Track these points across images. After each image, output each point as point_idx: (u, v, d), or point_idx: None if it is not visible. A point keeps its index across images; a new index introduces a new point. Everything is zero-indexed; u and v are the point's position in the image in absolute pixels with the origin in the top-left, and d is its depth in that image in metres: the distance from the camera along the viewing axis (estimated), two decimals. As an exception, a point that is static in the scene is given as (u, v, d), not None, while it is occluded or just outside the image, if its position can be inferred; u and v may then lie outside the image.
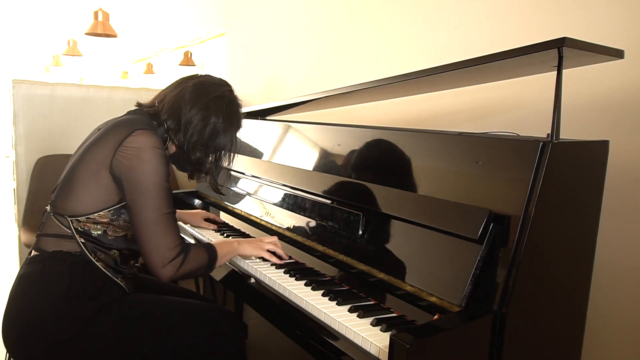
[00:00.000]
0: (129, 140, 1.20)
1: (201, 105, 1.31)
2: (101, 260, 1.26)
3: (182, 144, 1.33)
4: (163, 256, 1.20)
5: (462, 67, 1.14)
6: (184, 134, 1.31)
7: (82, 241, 1.24)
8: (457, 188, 1.12)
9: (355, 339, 1.00)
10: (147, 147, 1.20)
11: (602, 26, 1.43)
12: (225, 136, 1.35)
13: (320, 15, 2.59)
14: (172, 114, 1.31)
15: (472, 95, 1.79)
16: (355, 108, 2.29)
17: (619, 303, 1.41)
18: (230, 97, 1.37)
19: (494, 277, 0.99)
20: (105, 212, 1.24)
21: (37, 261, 1.24)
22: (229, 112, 1.35)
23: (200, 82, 1.35)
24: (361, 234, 1.26)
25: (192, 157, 1.34)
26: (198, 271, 1.29)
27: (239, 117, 1.40)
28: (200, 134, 1.32)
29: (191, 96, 1.32)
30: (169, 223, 1.22)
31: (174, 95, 1.33)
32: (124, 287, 1.30)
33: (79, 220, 1.23)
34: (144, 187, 1.19)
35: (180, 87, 1.34)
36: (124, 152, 1.20)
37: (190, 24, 4.26)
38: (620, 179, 1.37)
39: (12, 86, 2.77)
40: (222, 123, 1.33)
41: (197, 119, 1.31)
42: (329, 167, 1.52)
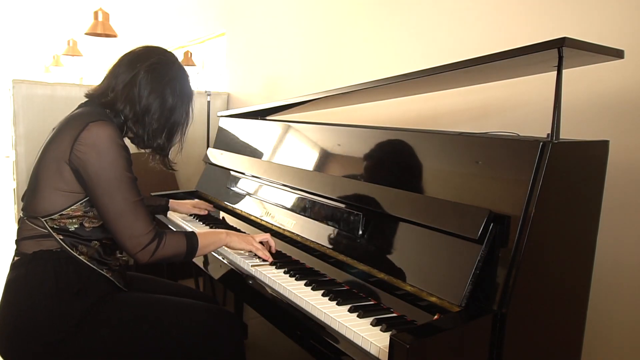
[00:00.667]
0: (83, 135, 1.18)
1: (158, 92, 1.31)
2: (83, 254, 1.25)
3: (142, 134, 1.33)
4: (136, 242, 1.21)
5: (462, 67, 1.14)
6: (142, 124, 1.32)
7: (60, 238, 1.23)
8: (457, 188, 1.12)
9: (355, 339, 1.00)
10: (102, 139, 1.18)
11: (602, 26, 1.43)
12: (180, 113, 1.37)
13: (320, 16, 2.59)
14: (127, 103, 1.29)
15: (472, 95, 1.79)
16: (355, 108, 2.29)
17: (619, 302, 1.41)
18: (181, 75, 1.37)
19: (494, 277, 0.99)
20: (77, 205, 1.23)
21: (20, 265, 1.23)
22: (182, 90, 1.36)
23: (151, 65, 1.31)
24: (361, 234, 1.26)
25: (154, 144, 1.36)
26: (176, 257, 1.28)
27: (191, 90, 1.41)
28: (159, 120, 1.32)
29: (146, 82, 1.30)
30: (138, 211, 1.22)
31: (126, 83, 1.30)
32: (111, 279, 1.29)
33: (53, 219, 1.23)
34: (106, 182, 1.18)
35: (132, 74, 1.30)
36: (79, 147, 1.18)
37: (190, 24, 4.26)
38: (620, 179, 1.37)
39: (12, 86, 2.77)
40: (177, 102, 1.34)
41: (155, 106, 1.31)
42: (329, 167, 1.52)
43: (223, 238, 1.40)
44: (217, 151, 2.12)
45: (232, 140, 2.12)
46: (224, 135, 2.21)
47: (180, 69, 1.38)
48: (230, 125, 2.19)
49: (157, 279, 1.57)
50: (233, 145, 2.09)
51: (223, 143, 2.18)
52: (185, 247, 1.30)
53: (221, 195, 1.95)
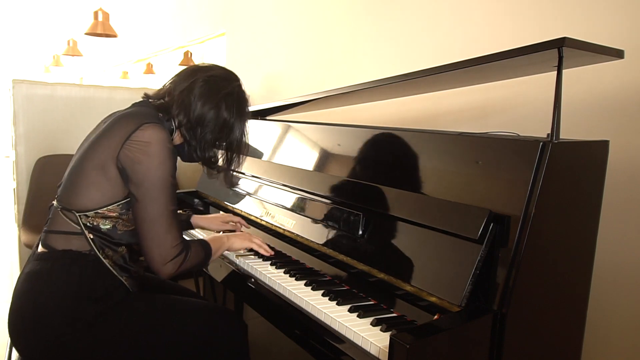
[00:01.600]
0: (136, 134, 1.18)
1: (213, 103, 1.29)
2: (108, 258, 1.24)
3: (194, 145, 1.32)
4: (165, 254, 1.20)
5: (462, 67, 1.14)
6: (194, 132, 1.30)
7: (91, 237, 1.22)
8: (457, 188, 1.12)
9: (355, 339, 1.00)
10: (154, 142, 1.18)
11: (602, 26, 1.43)
12: (237, 133, 1.35)
13: (320, 15, 2.59)
14: (182, 109, 1.29)
15: (472, 95, 1.79)
16: (355, 108, 2.29)
17: (619, 302, 1.41)
18: (239, 93, 1.36)
19: (494, 277, 0.99)
20: (114, 206, 1.22)
21: (47, 259, 1.22)
22: (239, 108, 1.34)
23: (211, 77, 1.32)
24: (361, 234, 1.26)
25: (206, 155, 1.34)
26: (195, 267, 1.29)
27: (248, 112, 1.40)
28: (213, 132, 1.31)
29: (202, 91, 1.29)
30: (173, 220, 1.21)
31: (183, 89, 1.30)
32: (128, 286, 1.29)
33: (87, 216, 1.22)
34: (150, 183, 1.17)
35: (190, 81, 1.30)
36: (131, 146, 1.18)
37: (190, 24, 4.26)
38: (620, 179, 1.37)
39: (12, 86, 2.77)
40: (234, 121, 1.33)
41: (210, 117, 1.29)
42: (329, 167, 1.52)
43: (225, 242, 1.40)
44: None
45: (232, 140, 2.12)
46: (224, 135, 2.20)
47: (239, 88, 1.37)
48: (230, 125, 2.18)
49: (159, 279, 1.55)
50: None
51: (223, 143, 2.18)
52: (204, 256, 1.30)
53: (221, 195, 1.95)
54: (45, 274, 1.20)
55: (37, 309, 1.19)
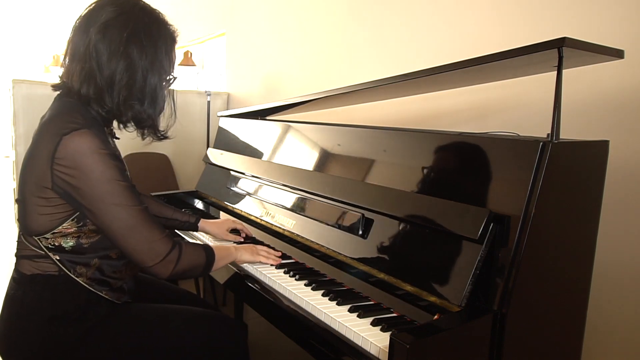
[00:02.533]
0: (59, 151, 1.03)
1: (118, 54, 1.09)
2: (82, 275, 1.15)
3: (112, 109, 1.13)
4: (156, 254, 1.10)
5: (462, 67, 1.14)
6: (110, 96, 1.11)
7: (57, 258, 1.13)
8: (457, 188, 1.12)
9: (355, 339, 1.00)
10: (82, 155, 1.03)
11: (602, 26, 1.43)
12: (158, 70, 1.15)
13: (320, 15, 2.59)
14: (85, 80, 1.10)
15: (473, 95, 1.80)
16: (355, 108, 2.29)
17: (619, 302, 1.41)
18: (145, 19, 1.14)
19: (494, 277, 0.99)
20: (68, 222, 1.11)
21: (19, 283, 1.16)
22: (152, 39, 1.13)
23: (103, 25, 1.09)
24: (361, 234, 1.26)
25: (128, 116, 1.15)
26: (196, 269, 1.19)
27: (165, 32, 1.18)
28: (129, 85, 1.12)
29: (102, 46, 1.08)
30: (145, 219, 1.10)
31: (79, 58, 1.10)
32: (111, 299, 1.20)
33: (47, 238, 1.12)
34: (100, 201, 1.05)
35: (84, 46, 1.10)
36: (60, 169, 1.04)
37: (190, 24, 4.26)
38: (620, 179, 1.37)
39: (12, 86, 2.77)
40: (150, 57, 1.13)
41: (120, 70, 1.10)
42: (329, 167, 1.52)
43: (233, 252, 1.34)
44: (217, 151, 2.12)
45: (232, 140, 2.12)
46: (224, 135, 2.21)
47: (143, 13, 1.14)
48: (230, 125, 2.19)
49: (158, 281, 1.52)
50: (233, 145, 2.09)
51: (223, 143, 2.18)
52: (205, 258, 1.21)
53: (221, 195, 1.95)
54: (19, 300, 1.14)
55: (18, 336, 1.14)
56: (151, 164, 3.20)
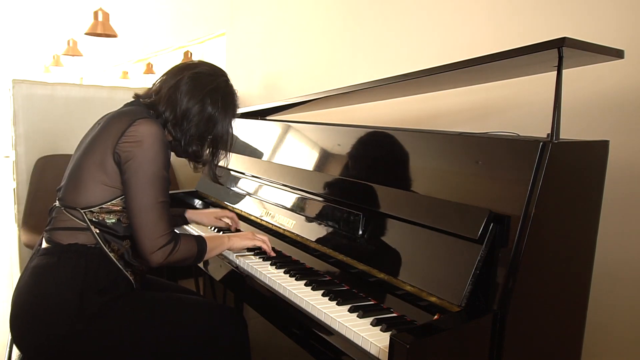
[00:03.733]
0: (131, 129, 1.23)
1: (198, 98, 1.33)
2: (114, 252, 1.28)
3: (179, 137, 1.35)
4: (154, 242, 1.22)
5: (462, 67, 1.14)
6: (180, 127, 1.34)
7: (97, 232, 1.26)
8: (457, 188, 1.12)
9: (355, 339, 1.00)
10: (148, 135, 1.22)
11: (602, 26, 1.43)
12: (222, 127, 1.38)
13: (320, 15, 2.59)
14: (169, 106, 1.33)
15: (472, 95, 1.79)
16: (355, 108, 2.29)
17: (619, 302, 1.41)
18: (225, 88, 1.39)
19: (494, 277, 0.99)
20: (117, 200, 1.26)
21: (53, 253, 1.25)
22: (225, 104, 1.38)
23: (196, 73, 1.36)
24: (361, 234, 1.26)
25: (190, 149, 1.37)
26: (186, 260, 1.31)
27: (234, 107, 1.42)
28: (197, 126, 1.34)
29: (187, 88, 1.33)
30: (163, 211, 1.24)
31: (170, 86, 1.34)
32: (132, 281, 1.31)
33: (92, 211, 1.26)
34: (143, 174, 1.21)
35: (177, 79, 1.34)
36: (126, 141, 1.22)
37: (190, 24, 4.26)
38: (620, 179, 1.37)
39: (12, 86, 2.77)
40: (219, 115, 1.36)
41: (194, 111, 1.33)
42: (329, 167, 1.52)
43: (225, 242, 1.42)
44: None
45: (232, 140, 2.12)
46: (224, 135, 2.20)
47: (225, 83, 1.40)
48: (230, 125, 2.19)
49: (160, 280, 1.59)
50: (233, 145, 2.08)
51: (223, 143, 2.18)
52: (196, 250, 1.32)
53: (221, 195, 1.95)
54: (52, 267, 1.23)
55: (43, 302, 1.20)
56: (151, 164, 3.19)
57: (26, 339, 1.22)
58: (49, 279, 1.22)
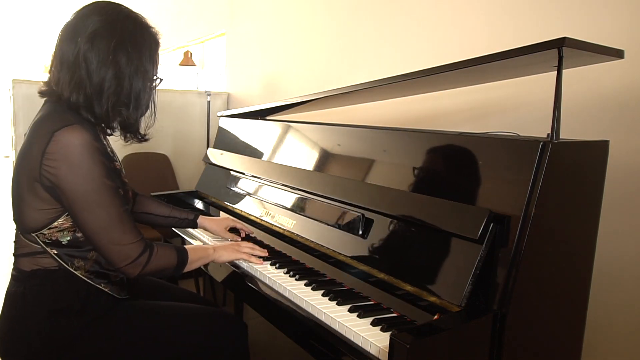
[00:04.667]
0: (50, 148, 1.06)
1: (107, 63, 1.13)
2: (80, 269, 1.18)
3: (100, 113, 1.16)
4: (124, 255, 1.13)
5: (462, 67, 1.14)
6: (99, 103, 1.14)
7: (55, 253, 1.16)
8: (457, 188, 1.12)
9: (355, 339, 1.00)
10: (72, 149, 1.06)
11: (602, 26, 1.43)
12: (143, 74, 1.19)
13: (320, 15, 2.59)
14: (74, 88, 1.13)
15: (472, 95, 1.80)
16: (355, 108, 2.29)
17: (619, 302, 1.41)
18: (129, 27, 1.17)
19: (494, 277, 0.99)
20: (63, 218, 1.14)
21: (20, 281, 1.18)
22: (137, 46, 1.17)
23: (92, 35, 1.12)
24: (361, 234, 1.26)
25: (116, 121, 1.20)
26: (165, 271, 1.22)
27: (149, 37, 1.21)
28: (117, 92, 1.15)
29: (89, 57, 1.12)
30: (124, 222, 1.13)
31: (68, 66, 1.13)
32: (110, 293, 1.23)
33: (43, 234, 1.14)
34: (83, 197, 1.08)
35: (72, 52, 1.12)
36: (49, 163, 1.06)
37: (190, 24, 4.26)
38: (620, 179, 1.37)
39: (12, 86, 2.77)
40: (137, 63, 1.17)
41: (109, 77, 1.14)
42: (329, 167, 1.52)
43: (210, 254, 1.34)
44: (217, 151, 2.12)
45: (232, 140, 2.12)
46: (224, 135, 2.21)
47: (127, 20, 1.17)
48: (230, 125, 2.19)
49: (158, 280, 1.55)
50: (233, 145, 2.09)
51: (223, 143, 2.18)
52: (176, 261, 1.23)
53: (221, 195, 1.95)
54: (19, 296, 1.16)
55: (19, 332, 1.15)
56: (151, 164, 3.20)
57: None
58: (19, 309, 1.16)
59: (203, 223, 1.66)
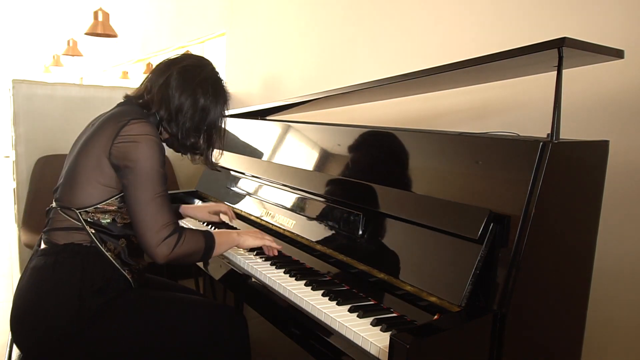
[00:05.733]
0: (125, 129, 1.24)
1: (189, 92, 1.35)
2: (110, 251, 1.29)
3: (176, 133, 1.37)
4: (157, 234, 1.23)
5: (462, 67, 1.14)
6: (175, 123, 1.36)
7: (92, 231, 1.27)
8: (457, 188, 1.12)
9: (355, 339, 1.00)
10: (142, 135, 1.24)
11: (602, 26, 1.43)
12: (215, 114, 1.40)
13: (320, 15, 2.59)
14: (162, 104, 1.35)
15: (472, 95, 1.79)
16: (355, 108, 2.29)
17: (619, 303, 1.41)
18: (213, 77, 1.42)
19: (494, 277, 0.99)
20: (112, 199, 1.28)
21: (50, 254, 1.26)
22: (215, 91, 1.40)
23: (183, 67, 1.37)
24: (361, 234, 1.26)
25: (187, 142, 1.40)
26: (194, 255, 1.30)
27: (224, 92, 1.44)
28: (192, 119, 1.36)
29: (177, 83, 1.35)
30: (163, 203, 1.26)
31: (160, 84, 1.35)
32: (130, 280, 1.32)
33: (88, 212, 1.27)
34: (139, 170, 1.23)
35: (165, 76, 1.36)
36: (121, 141, 1.24)
37: (190, 24, 4.26)
38: (620, 179, 1.37)
39: (12, 86, 2.77)
40: (211, 103, 1.38)
41: (187, 105, 1.35)
42: (329, 167, 1.52)
43: (235, 238, 1.41)
44: (217, 151, 2.12)
45: (232, 140, 2.12)
46: (224, 135, 2.21)
47: (212, 72, 1.43)
48: (230, 125, 2.19)
49: (160, 279, 1.59)
50: (233, 145, 2.09)
51: (223, 143, 2.18)
52: (204, 244, 1.31)
53: (221, 195, 1.95)
54: (49, 268, 1.24)
55: (42, 303, 1.21)
56: (151, 164, 3.19)
57: (26, 339, 1.23)
58: (47, 280, 1.23)
59: (186, 212, 1.77)
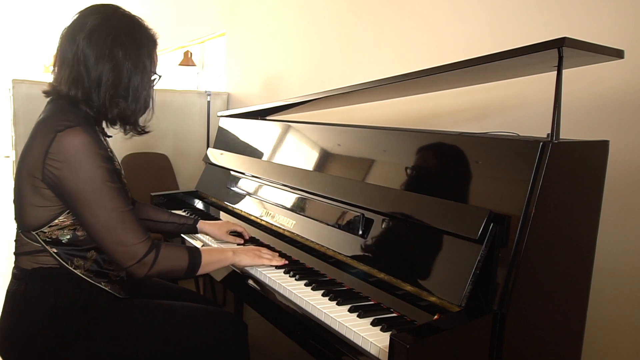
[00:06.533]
0: (52, 147, 1.08)
1: (105, 57, 1.16)
2: (79, 267, 1.19)
3: (99, 106, 1.19)
4: (129, 255, 1.13)
5: (462, 67, 1.14)
6: (97, 95, 1.17)
7: (54, 251, 1.17)
8: (457, 188, 1.12)
9: (355, 339, 1.00)
10: (74, 152, 1.08)
11: (602, 26, 1.43)
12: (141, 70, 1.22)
13: (320, 15, 2.59)
14: (72, 84, 1.16)
15: (472, 95, 1.80)
16: (355, 108, 2.29)
17: (619, 303, 1.41)
18: (126, 24, 1.21)
19: (494, 277, 0.99)
20: (63, 216, 1.15)
21: (20, 279, 1.19)
22: (134, 40, 1.20)
23: (89, 32, 1.16)
24: (361, 234, 1.26)
25: (114, 113, 1.21)
26: (176, 272, 1.21)
27: (147, 35, 1.25)
28: (115, 85, 1.18)
29: (88, 52, 1.15)
30: (127, 221, 1.13)
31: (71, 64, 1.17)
32: (110, 292, 1.24)
33: (44, 232, 1.16)
34: (85, 198, 1.09)
35: (73, 50, 1.16)
36: (52, 163, 1.08)
37: (190, 24, 4.26)
38: (620, 179, 1.37)
39: (12, 86, 2.77)
40: (134, 58, 1.20)
41: (107, 70, 1.16)
42: (329, 167, 1.52)
43: (229, 257, 1.31)
44: (217, 151, 2.12)
45: (232, 140, 2.12)
46: (224, 135, 2.21)
47: (123, 18, 1.22)
48: (230, 125, 2.19)
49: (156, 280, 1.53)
50: (233, 145, 2.09)
51: (223, 143, 2.18)
52: (187, 262, 1.21)
53: (221, 195, 1.95)
54: (21, 295, 1.17)
55: (21, 330, 1.16)
56: (151, 164, 3.19)
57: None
58: (20, 307, 1.17)
59: (203, 228, 1.64)
